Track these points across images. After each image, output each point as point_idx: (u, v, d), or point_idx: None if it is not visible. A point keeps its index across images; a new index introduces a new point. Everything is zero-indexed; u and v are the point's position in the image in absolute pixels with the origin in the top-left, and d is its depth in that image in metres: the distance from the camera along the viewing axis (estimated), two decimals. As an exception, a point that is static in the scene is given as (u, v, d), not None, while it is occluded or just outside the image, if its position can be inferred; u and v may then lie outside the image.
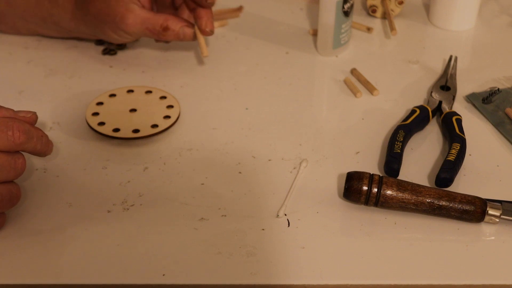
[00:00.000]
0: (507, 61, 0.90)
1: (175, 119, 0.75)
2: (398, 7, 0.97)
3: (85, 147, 0.73)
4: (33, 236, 0.63)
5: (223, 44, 0.93)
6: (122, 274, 0.59)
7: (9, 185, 0.60)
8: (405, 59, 0.90)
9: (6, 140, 0.58)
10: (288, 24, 0.97)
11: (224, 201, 0.67)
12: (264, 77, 0.86)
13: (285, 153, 0.73)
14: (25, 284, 0.59)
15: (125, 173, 0.70)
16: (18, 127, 0.59)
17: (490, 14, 1.01)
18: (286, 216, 0.65)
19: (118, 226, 0.64)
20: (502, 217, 0.64)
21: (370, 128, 0.77)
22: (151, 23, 0.79)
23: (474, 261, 0.61)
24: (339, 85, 0.85)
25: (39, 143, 0.62)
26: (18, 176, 0.61)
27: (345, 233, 0.64)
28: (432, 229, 0.64)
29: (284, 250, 0.62)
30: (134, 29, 0.79)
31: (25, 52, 0.89)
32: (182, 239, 0.63)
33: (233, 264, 0.60)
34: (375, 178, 0.64)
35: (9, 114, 0.61)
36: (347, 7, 0.86)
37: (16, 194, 0.61)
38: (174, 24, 0.79)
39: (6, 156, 0.59)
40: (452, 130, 0.73)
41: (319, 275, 0.59)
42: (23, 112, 0.62)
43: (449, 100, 0.79)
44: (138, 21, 0.78)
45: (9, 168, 0.59)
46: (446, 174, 0.67)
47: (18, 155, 0.60)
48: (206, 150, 0.73)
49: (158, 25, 0.78)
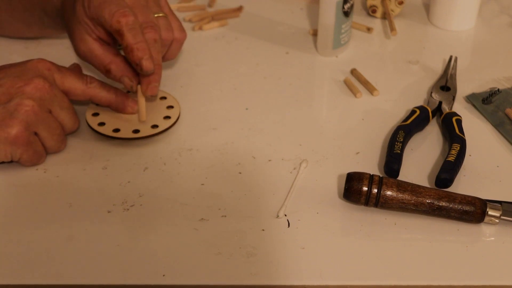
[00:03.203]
0: (507, 61, 0.90)
1: (175, 119, 0.75)
2: (398, 7, 0.97)
3: (85, 147, 0.73)
4: (33, 236, 0.63)
5: (223, 44, 0.93)
6: (122, 274, 0.59)
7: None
8: (405, 59, 0.90)
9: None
10: (288, 24, 0.97)
11: (224, 202, 0.67)
12: (264, 77, 0.86)
13: (285, 153, 0.73)
14: (25, 284, 0.59)
15: (125, 173, 0.70)
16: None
17: (490, 14, 1.01)
18: (286, 217, 0.65)
19: (118, 226, 0.64)
20: (502, 217, 0.64)
21: (370, 128, 0.77)
22: (96, 61, 0.73)
23: (474, 262, 0.61)
24: (339, 85, 0.85)
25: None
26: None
27: (345, 233, 0.64)
28: (432, 230, 0.64)
29: (284, 251, 0.62)
30: (85, 59, 0.74)
31: (25, 52, 0.89)
32: (182, 239, 0.63)
33: (233, 265, 0.60)
34: (375, 178, 0.64)
35: None
36: (347, 7, 0.86)
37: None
38: (116, 70, 0.73)
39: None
40: (452, 131, 0.73)
41: (319, 275, 0.59)
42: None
43: (449, 101, 0.79)
44: (88, 54, 0.73)
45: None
46: (446, 175, 0.67)
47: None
48: (206, 150, 0.73)
49: (102, 65, 0.73)
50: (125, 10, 0.69)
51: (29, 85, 0.67)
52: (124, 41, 0.69)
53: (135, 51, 0.69)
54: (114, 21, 0.68)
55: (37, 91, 0.67)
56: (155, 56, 0.71)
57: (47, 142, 0.69)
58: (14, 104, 0.66)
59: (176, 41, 0.77)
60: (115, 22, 0.68)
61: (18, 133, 0.65)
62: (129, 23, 0.69)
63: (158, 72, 0.72)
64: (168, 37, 0.75)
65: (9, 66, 0.70)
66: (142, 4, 0.72)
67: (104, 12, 0.69)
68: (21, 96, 0.66)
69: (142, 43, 0.69)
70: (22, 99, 0.66)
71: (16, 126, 0.65)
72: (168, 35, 0.75)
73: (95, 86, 0.73)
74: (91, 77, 0.73)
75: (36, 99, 0.67)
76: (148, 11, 0.73)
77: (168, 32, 0.75)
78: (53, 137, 0.69)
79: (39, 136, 0.68)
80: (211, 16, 0.98)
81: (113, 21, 0.68)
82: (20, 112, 0.66)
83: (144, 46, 0.69)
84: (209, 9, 1.01)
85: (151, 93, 0.72)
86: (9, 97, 0.66)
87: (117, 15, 0.68)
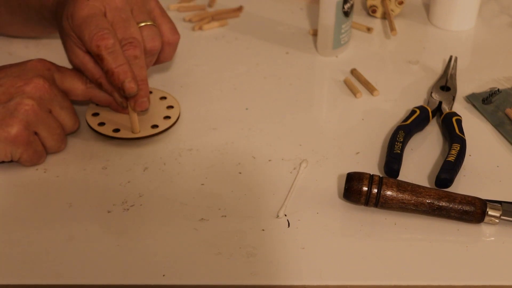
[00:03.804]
0: (507, 61, 0.90)
1: (175, 119, 0.75)
2: (398, 7, 0.97)
3: (85, 147, 0.73)
4: (33, 236, 0.63)
5: (223, 44, 0.93)
6: (122, 274, 0.59)
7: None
8: (405, 59, 0.90)
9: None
10: (288, 24, 0.97)
11: (224, 202, 0.67)
12: (264, 77, 0.86)
13: (285, 153, 0.73)
14: (25, 284, 0.59)
15: (125, 173, 0.70)
16: None
17: (490, 14, 1.01)
18: (286, 217, 0.65)
19: (118, 226, 0.64)
20: (502, 217, 0.64)
21: (370, 128, 0.77)
22: (88, 74, 0.72)
23: (474, 262, 0.61)
24: (339, 85, 0.85)
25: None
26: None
27: (345, 233, 0.64)
28: (432, 230, 0.64)
29: (284, 251, 0.62)
30: (79, 69, 0.73)
31: (25, 52, 0.89)
32: (182, 239, 0.63)
33: (233, 265, 0.60)
34: (375, 178, 0.64)
35: None
36: (347, 7, 0.86)
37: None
38: (106, 85, 0.71)
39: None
40: (452, 131, 0.73)
41: (319, 275, 0.59)
42: None
43: (449, 101, 0.79)
44: (80, 66, 0.72)
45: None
46: (446, 175, 0.67)
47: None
48: (206, 150, 0.73)
49: (94, 79, 0.72)
50: (104, 33, 0.67)
51: (29, 85, 0.67)
52: (105, 65, 0.68)
53: (115, 75, 0.68)
54: (94, 46, 0.67)
55: (37, 90, 0.67)
56: (138, 73, 0.69)
57: (47, 142, 0.69)
58: (14, 103, 0.66)
59: (168, 45, 0.76)
60: (94, 46, 0.67)
61: (18, 132, 0.66)
62: (108, 46, 0.67)
63: (144, 88, 0.70)
64: (154, 47, 0.73)
65: (9, 66, 0.70)
66: (123, 17, 0.70)
67: (84, 35, 0.67)
68: (21, 96, 0.66)
69: (123, 66, 0.68)
70: (22, 98, 0.66)
71: (16, 125, 0.65)
72: (154, 45, 0.73)
73: (95, 86, 0.72)
74: None
75: (36, 98, 0.67)
76: (129, 24, 0.70)
77: (154, 41, 0.72)
78: (53, 136, 0.69)
79: (39, 136, 0.68)
80: (211, 16, 0.98)
81: (92, 45, 0.67)
82: (20, 111, 0.66)
83: (126, 69, 0.68)
84: (209, 9, 1.01)
85: (140, 108, 0.71)
86: (9, 96, 0.66)
87: (95, 39, 0.67)
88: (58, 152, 0.72)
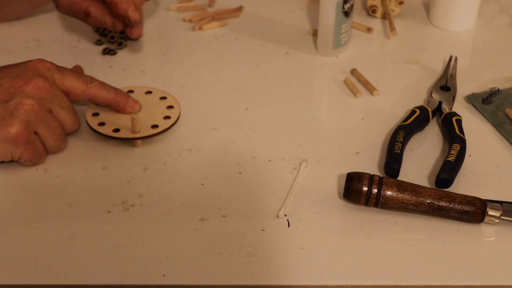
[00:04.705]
0: (507, 61, 0.90)
1: (175, 119, 0.75)
2: (398, 7, 0.97)
3: (85, 147, 0.73)
4: (33, 236, 0.63)
5: (223, 44, 0.93)
6: (122, 275, 0.59)
7: None
8: (405, 59, 0.90)
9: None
10: (288, 24, 0.97)
11: (224, 202, 0.67)
12: (264, 77, 0.86)
13: (285, 153, 0.73)
14: (25, 284, 0.59)
15: (125, 173, 0.70)
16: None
17: (490, 14, 1.01)
18: (286, 217, 0.65)
19: (118, 226, 0.64)
20: (502, 217, 0.64)
21: (370, 128, 0.77)
22: (76, 6, 0.80)
23: (474, 262, 0.61)
24: (339, 85, 0.85)
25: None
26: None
27: (345, 233, 0.64)
28: (432, 230, 0.64)
29: (284, 251, 0.62)
30: (64, 11, 0.81)
31: (25, 52, 0.89)
32: (182, 240, 0.63)
33: (233, 265, 0.60)
34: (375, 178, 0.64)
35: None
36: (347, 7, 0.86)
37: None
38: (96, 11, 0.80)
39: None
40: (452, 131, 0.73)
41: (319, 275, 0.59)
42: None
43: (449, 101, 0.79)
44: (66, 4, 0.80)
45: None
46: (446, 175, 0.67)
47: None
48: (206, 150, 0.73)
49: (81, 10, 0.80)
50: None
51: (29, 85, 0.67)
52: None
53: (119, 4, 0.77)
54: None
55: (37, 90, 0.67)
56: (138, 4, 0.79)
57: (47, 142, 0.69)
58: (14, 103, 0.66)
59: None
60: None
61: (18, 132, 0.66)
62: None
63: (141, 15, 0.80)
64: None
65: (9, 66, 0.70)
66: None
67: None
68: (21, 95, 0.66)
69: None
70: (22, 98, 0.66)
71: (16, 125, 0.65)
72: None
73: (95, 86, 0.73)
74: (91, 77, 0.73)
75: (36, 98, 0.67)
76: None
77: None
78: (53, 136, 0.69)
79: (39, 136, 0.69)
80: (211, 16, 0.98)
81: None
82: (20, 111, 0.66)
83: None
84: (209, 9, 1.01)
85: (137, 34, 0.81)
86: (9, 96, 0.66)
87: None
88: (58, 152, 0.72)
